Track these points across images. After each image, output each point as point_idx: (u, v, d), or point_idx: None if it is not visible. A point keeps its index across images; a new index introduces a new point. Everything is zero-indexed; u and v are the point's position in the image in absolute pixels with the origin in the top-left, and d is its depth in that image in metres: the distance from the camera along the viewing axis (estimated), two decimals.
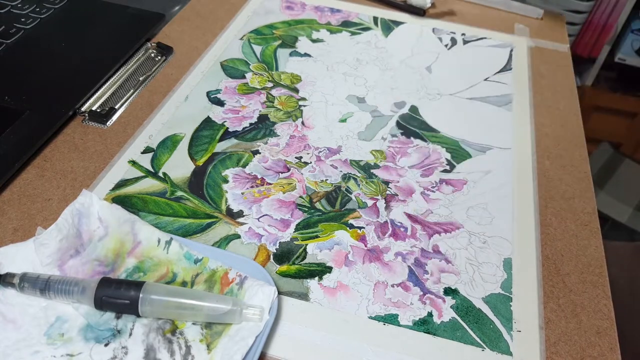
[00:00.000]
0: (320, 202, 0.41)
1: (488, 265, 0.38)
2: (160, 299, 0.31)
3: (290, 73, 0.54)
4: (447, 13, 0.65)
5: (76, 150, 0.44)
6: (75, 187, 0.41)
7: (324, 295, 0.35)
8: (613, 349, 0.34)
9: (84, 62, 0.51)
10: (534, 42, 0.61)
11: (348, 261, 0.37)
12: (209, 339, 0.32)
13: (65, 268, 0.34)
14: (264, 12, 0.62)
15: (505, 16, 0.65)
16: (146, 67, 0.53)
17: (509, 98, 0.53)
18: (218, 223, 0.39)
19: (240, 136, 0.46)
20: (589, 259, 0.39)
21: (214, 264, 0.35)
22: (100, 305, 0.32)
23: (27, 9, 0.56)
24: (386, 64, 0.56)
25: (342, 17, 0.63)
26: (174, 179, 0.42)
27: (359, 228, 0.40)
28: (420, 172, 0.44)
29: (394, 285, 0.36)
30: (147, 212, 0.40)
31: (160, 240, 0.36)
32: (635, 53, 1.61)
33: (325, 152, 0.45)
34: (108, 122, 0.47)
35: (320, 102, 0.51)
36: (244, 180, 0.43)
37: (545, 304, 0.36)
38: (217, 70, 0.53)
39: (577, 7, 1.46)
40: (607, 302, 0.36)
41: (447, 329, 0.34)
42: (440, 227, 0.40)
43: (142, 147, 0.45)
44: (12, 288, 0.32)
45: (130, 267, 0.35)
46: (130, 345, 0.31)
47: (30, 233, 0.37)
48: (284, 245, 0.38)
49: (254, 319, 0.32)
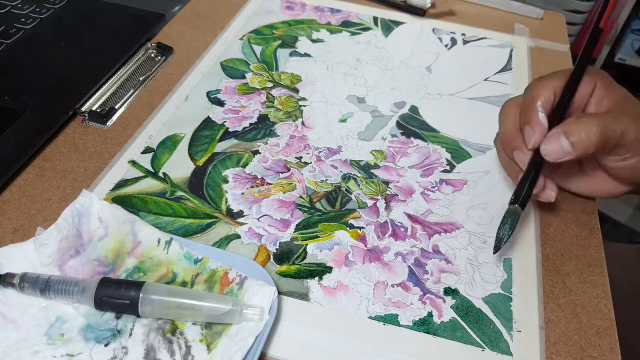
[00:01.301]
0: (320, 202, 0.41)
1: (488, 265, 0.38)
2: (160, 299, 0.31)
3: (290, 73, 0.54)
4: (447, 13, 0.65)
5: (76, 150, 0.44)
6: (75, 187, 0.41)
7: (324, 295, 0.35)
8: (613, 349, 0.34)
9: (84, 62, 0.51)
10: (534, 42, 0.61)
11: (348, 261, 0.37)
12: (209, 339, 0.32)
13: (65, 268, 0.34)
14: (264, 12, 0.62)
15: (505, 16, 0.65)
16: (146, 67, 0.53)
17: (509, 98, 0.53)
18: (218, 223, 0.39)
19: (240, 136, 0.46)
20: (589, 259, 0.39)
21: (214, 264, 0.35)
22: (100, 305, 0.32)
23: (27, 9, 0.56)
24: (386, 64, 0.56)
25: (342, 17, 0.63)
26: (174, 179, 0.42)
27: (359, 228, 0.40)
28: (420, 172, 0.44)
29: (394, 285, 0.36)
30: (147, 212, 0.40)
31: (160, 240, 0.36)
32: (635, 53, 1.62)
33: (325, 152, 0.45)
34: (108, 122, 0.47)
35: (320, 102, 0.51)
36: (244, 180, 0.43)
37: (546, 304, 0.36)
38: (217, 70, 0.53)
39: (577, 7, 1.46)
40: (607, 302, 0.36)
41: (447, 329, 0.34)
42: (440, 227, 0.40)
43: (142, 147, 0.45)
44: (12, 288, 0.32)
45: (130, 267, 0.35)
46: (130, 345, 0.31)
47: (30, 233, 0.37)
48: (284, 245, 0.38)
49: (254, 319, 0.32)
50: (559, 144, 0.35)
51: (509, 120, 0.39)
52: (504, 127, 0.40)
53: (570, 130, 0.35)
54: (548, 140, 0.35)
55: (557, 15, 0.67)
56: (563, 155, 0.35)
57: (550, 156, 0.35)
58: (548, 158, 0.35)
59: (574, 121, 0.35)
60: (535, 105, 0.37)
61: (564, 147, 0.35)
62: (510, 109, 0.40)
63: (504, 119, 0.40)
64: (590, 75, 0.38)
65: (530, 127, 0.36)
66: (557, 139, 0.35)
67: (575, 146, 0.34)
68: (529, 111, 0.37)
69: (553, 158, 0.35)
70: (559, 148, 0.35)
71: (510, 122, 0.39)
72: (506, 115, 0.40)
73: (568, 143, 0.34)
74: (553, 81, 0.38)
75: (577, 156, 0.35)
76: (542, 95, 0.37)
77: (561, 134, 0.35)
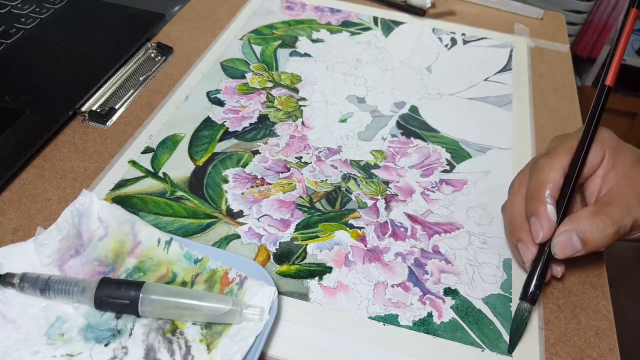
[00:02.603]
0: (320, 202, 0.41)
1: (488, 266, 0.38)
2: (160, 299, 0.31)
3: (290, 73, 0.54)
4: (447, 13, 0.65)
5: (76, 150, 0.44)
6: (75, 187, 0.41)
7: (324, 295, 0.35)
8: (612, 350, 0.34)
9: (84, 62, 0.51)
10: (534, 42, 0.61)
11: (348, 261, 0.37)
12: (209, 339, 0.32)
13: (65, 268, 0.34)
14: (264, 12, 0.62)
15: (505, 16, 0.65)
16: (146, 67, 0.53)
17: (508, 98, 0.53)
18: (218, 223, 0.39)
19: (240, 136, 0.46)
20: (588, 260, 0.39)
21: (214, 264, 0.35)
22: (100, 305, 0.32)
23: (27, 9, 0.56)
24: (386, 64, 0.56)
25: (342, 17, 0.63)
26: (174, 179, 0.42)
27: (359, 228, 0.40)
28: (420, 172, 0.44)
29: (394, 285, 0.36)
30: (147, 212, 0.40)
31: (160, 240, 0.36)
32: (635, 53, 1.61)
33: (325, 152, 0.45)
34: (108, 122, 0.47)
35: (320, 102, 0.51)
36: (244, 180, 0.43)
37: (545, 305, 0.36)
38: (217, 70, 0.53)
39: (577, 7, 1.46)
40: (606, 303, 0.36)
41: (447, 329, 0.34)
42: (440, 227, 0.40)
43: (142, 147, 0.45)
44: (12, 288, 0.32)
45: (130, 267, 0.35)
46: (130, 345, 0.31)
47: (30, 233, 0.37)
48: (284, 245, 0.38)
49: (254, 319, 0.32)
50: (571, 242, 0.33)
51: (515, 204, 0.37)
52: (509, 209, 0.37)
53: (584, 229, 0.33)
54: (559, 238, 0.33)
55: (557, 15, 0.67)
56: (573, 252, 0.33)
57: (560, 254, 0.33)
58: (558, 256, 0.34)
59: (587, 217, 0.33)
60: (543, 194, 0.34)
61: (575, 246, 0.33)
62: (518, 189, 0.37)
63: (510, 200, 0.37)
64: (599, 144, 0.36)
65: (537, 220, 0.34)
66: (568, 237, 0.33)
67: (587, 245, 0.33)
68: (536, 201, 0.35)
69: (563, 256, 0.33)
70: (571, 246, 0.33)
71: (517, 206, 0.36)
72: (512, 195, 0.37)
73: (579, 241, 0.33)
74: (561, 159, 0.35)
75: (586, 253, 0.33)
76: (550, 182, 0.35)
77: (573, 231, 0.33)
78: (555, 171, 0.35)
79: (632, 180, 0.34)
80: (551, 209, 0.34)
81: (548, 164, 0.35)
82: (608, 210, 0.33)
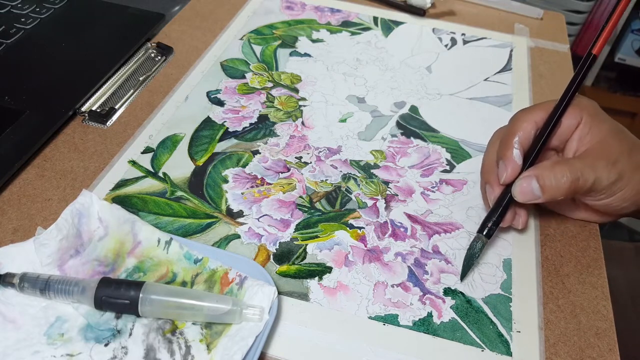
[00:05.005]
0: (320, 202, 0.41)
1: (488, 266, 0.38)
2: (160, 299, 0.31)
3: (290, 73, 0.54)
4: (447, 13, 0.65)
5: (76, 150, 0.44)
6: (75, 187, 0.41)
7: (324, 295, 0.35)
8: (612, 350, 0.34)
9: (84, 62, 0.51)
10: (534, 42, 0.61)
11: (348, 261, 0.37)
12: (209, 339, 0.32)
13: (65, 268, 0.34)
14: (264, 12, 0.62)
15: (505, 16, 0.65)
16: (146, 67, 0.53)
17: (509, 98, 0.53)
18: (218, 223, 0.39)
19: (240, 136, 0.46)
20: (588, 260, 0.39)
21: (213, 264, 0.35)
22: (100, 305, 0.32)
23: (27, 9, 0.56)
24: (386, 64, 0.56)
25: (342, 17, 0.63)
26: (174, 179, 0.42)
27: (359, 228, 0.40)
28: (420, 172, 0.45)
29: (394, 285, 0.36)
30: (147, 212, 0.40)
31: (160, 240, 0.36)
32: (635, 53, 1.61)
33: (325, 152, 0.45)
34: (108, 122, 0.47)
35: (320, 102, 0.51)
36: (244, 180, 0.43)
37: (545, 305, 0.36)
38: (217, 70, 0.53)
39: (577, 7, 1.46)
40: (606, 304, 0.36)
41: (447, 329, 0.34)
42: (440, 227, 0.40)
43: (142, 147, 0.45)
44: (12, 288, 0.32)
45: (130, 267, 0.35)
46: (130, 345, 0.31)
47: (30, 233, 0.37)
48: (284, 245, 0.38)
49: (254, 319, 0.32)
50: (530, 187, 0.35)
51: (489, 151, 0.39)
52: (484, 158, 0.40)
53: (543, 175, 0.35)
54: (520, 181, 0.36)
55: (557, 15, 0.67)
56: (532, 198, 0.35)
57: (519, 197, 0.36)
58: (517, 198, 0.36)
59: (548, 166, 0.35)
60: (512, 140, 0.37)
61: (534, 191, 0.35)
62: (494, 139, 0.40)
63: (487, 149, 0.40)
64: (577, 108, 0.37)
65: (503, 162, 0.37)
66: (528, 182, 0.35)
67: (545, 191, 0.35)
68: (505, 146, 0.37)
69: (522, 199, 0.36)
70: (530, 191, 0.35)
71: (490, 153, 0.39)
72: (489, 145, 0.40)
73: (538, 187, 0.35)
74: (536, 113, 0.38)
75: (545, 201, 0.35)
76: (520, 130, 0.37)
77: (533, 177, 0.35)
78: (528, 122, 0.37)
79: (605, 146, 0.36)
80: (517, 154, 0.36)
81: (522, 115, 0.38)
82: (570, 162, 0.36)
